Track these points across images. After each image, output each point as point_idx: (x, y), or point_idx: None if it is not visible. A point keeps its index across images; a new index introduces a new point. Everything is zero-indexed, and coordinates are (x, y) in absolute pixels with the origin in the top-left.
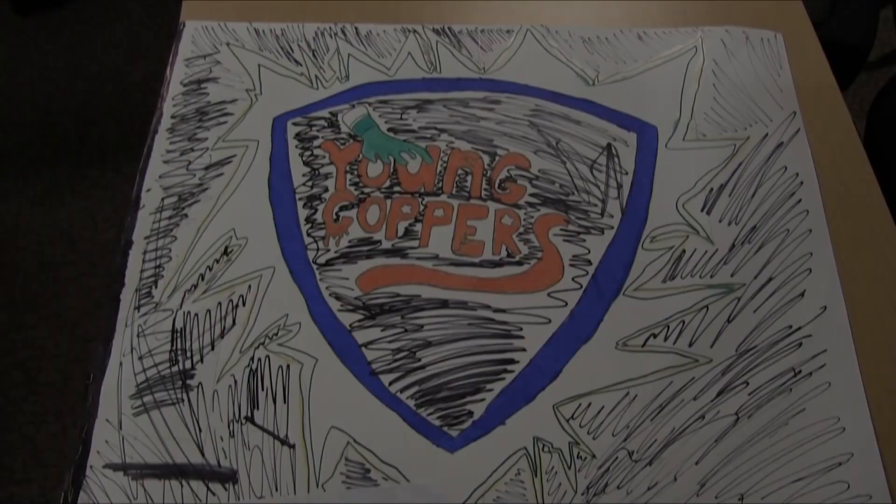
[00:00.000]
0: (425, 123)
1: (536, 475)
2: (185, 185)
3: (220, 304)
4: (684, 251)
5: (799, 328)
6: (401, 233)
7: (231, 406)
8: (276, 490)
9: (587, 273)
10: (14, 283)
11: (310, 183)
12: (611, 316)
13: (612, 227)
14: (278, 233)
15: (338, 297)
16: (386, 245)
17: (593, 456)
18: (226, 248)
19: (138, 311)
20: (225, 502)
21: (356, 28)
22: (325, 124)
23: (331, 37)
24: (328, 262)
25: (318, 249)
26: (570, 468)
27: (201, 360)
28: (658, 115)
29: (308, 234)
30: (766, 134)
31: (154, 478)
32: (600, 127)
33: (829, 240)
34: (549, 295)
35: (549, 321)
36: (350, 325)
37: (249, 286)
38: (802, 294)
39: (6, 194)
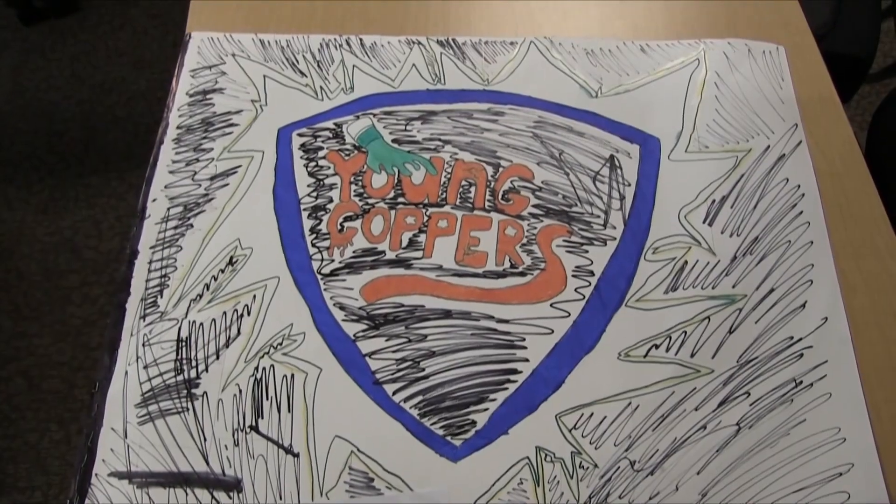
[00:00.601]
0: (429, 135)
1: (539, 484)
2: (190, 196)
3: (225, 313)
4: (686, 262)
5: (800, 339)
6: (405, 243)
7: (236, 415)
8: (280, 499)
9: (590, 284)
10: (18, 291)
11: (314, 193)
12: (613, 326)
13: (615, 239)
14: (283, 243)
15: (342, 307)
16: (390, 255)
17: (595, 465)
18: (231, 257)
19: (144, 320)
20: None
21: (361, 39)
22: (330, 135)
23: (336, 48)
24: (332, 273)
25: (322, 260)
26: (572, 478)
27: (206, 370)
28: (660, 127)
29: (312, 245)
30: (768, 146)
31: (159, 486)
32: (603, 139)
33: (830, 251)
34: (551, 305)
35: (552, 331)
36: (354, 335)
37: (254, 296)
38: (803, 305)
39: (11, 202)
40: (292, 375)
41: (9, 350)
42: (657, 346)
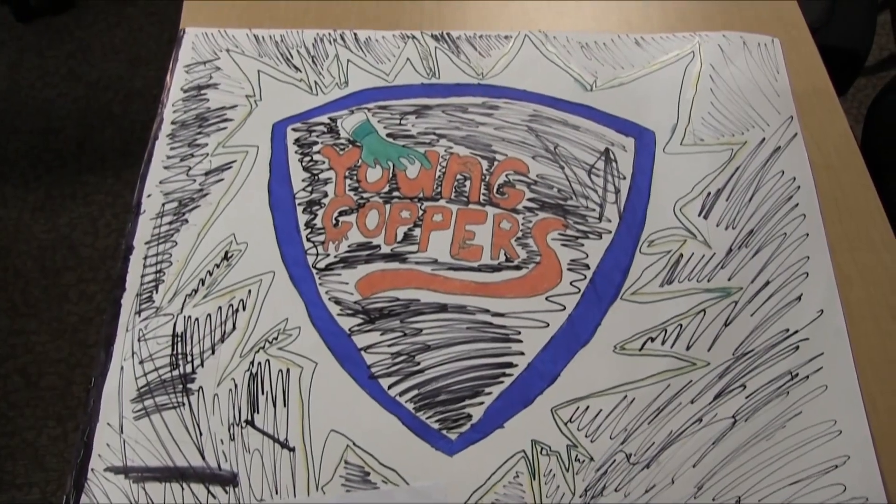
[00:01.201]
0: (424, 129)
1: (535, 478)
2: (185, 191)
3: (220, 308)
4: (682, 255)
5: (796, 332)
6: (400, 237)
7: (231, 410)
8: (276, 493)
9: (585, 277)
10: (15, 289)
11: (309, 188)
12: (609, 320)
13: (610, 232)
14: (278, 238)
15: (337, 302)
16: (385, 250)
17: (591, 458)
18: (226, 252)
19: (139, 315)
20: None
21: (355, 34)
22: (325, 130)
23: (330, 43)
24: (328, 267)
25: (317, 254)
26: (568, 471)
27: (202, 364)
28: (656, 120)
29: (308, 239)
30: (764, 138)
31: (155, 481)
32: (598, 132)
33: (825, 244)
34: (547, 299)
35: (548, 325)
36: (349, 330)
37: (249, 291)
38: (799, 298)
39: (7, 200)
40: (288, 370)
41: (6, 348)
42: (653, 339)
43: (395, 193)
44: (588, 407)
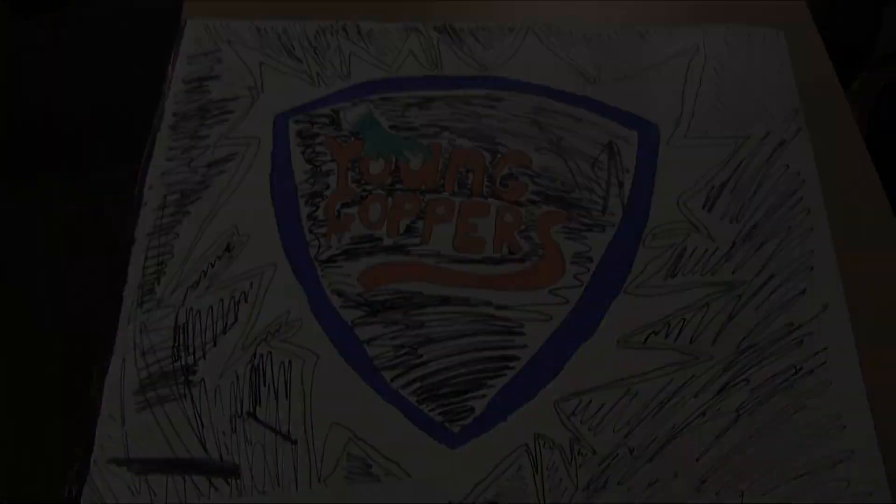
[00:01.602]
0: (427, 121)
1: (537, 471)
2: (187, 183)
3: (222, 300)
4: (685, 249)
5: (800, 326)
6: (402, 230)
7: (233, 402)
8: (278, 485)
9: (588, 270)
10: (16, 284)
11: (311, 180)
12: (612, 313)
13: (614, 225)
14: (280, 230)
15: (340, 294)
16: (388, 242)
17: (594, 452)
18: (228, 244)
19: (141, 307)
20: (227, 497)
21: (358, 26)
22: (327, 122)
23: (332, 35)
24: (330, 259)
25: (319, 246)
26: (570, 464)
27: (203, 357)
28: (660, 113)
29: (310, 231)
30: (768, 132)
31: (157, 472)
32: (602, 125)
33: (830, 238)
34: (550, 292)
35: (551, 318)
36: (352, 322)
37: (251, 283)
38: (803, 292)
39: (7, 193)
40: (290, 362)
41: (9, 341)
42: (656, 333)
43: (398, 186)
44: (591, 401)
